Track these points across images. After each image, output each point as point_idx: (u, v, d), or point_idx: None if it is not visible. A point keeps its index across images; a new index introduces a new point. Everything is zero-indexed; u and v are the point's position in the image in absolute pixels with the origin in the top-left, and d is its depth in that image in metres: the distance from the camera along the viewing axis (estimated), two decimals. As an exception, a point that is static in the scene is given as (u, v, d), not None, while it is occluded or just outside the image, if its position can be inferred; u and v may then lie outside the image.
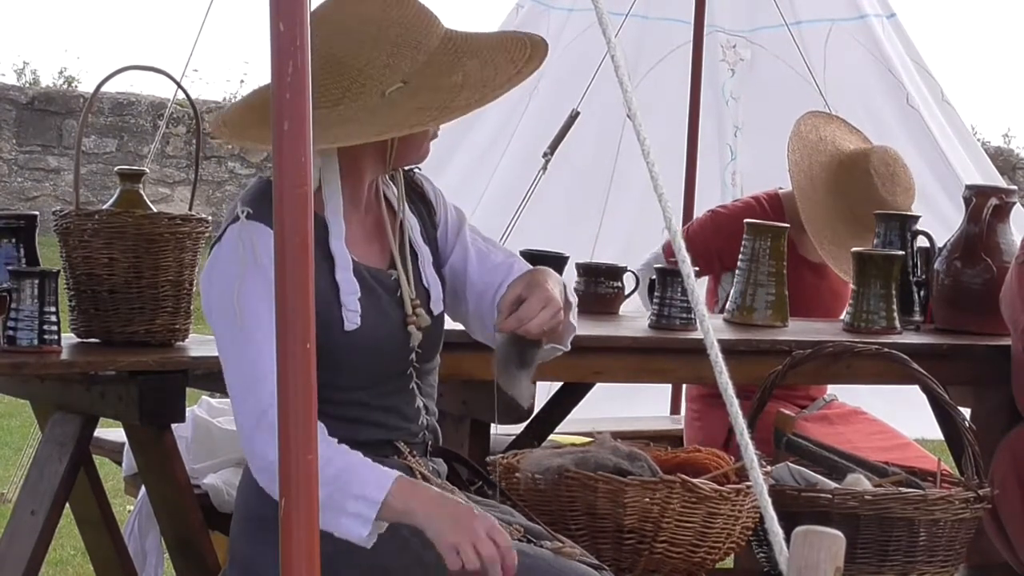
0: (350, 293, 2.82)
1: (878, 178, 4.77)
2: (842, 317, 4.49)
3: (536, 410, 3.92)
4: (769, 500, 1.93)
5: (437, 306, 2.96)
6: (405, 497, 2.66)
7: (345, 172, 2.84)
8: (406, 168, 3.03)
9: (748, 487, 3.37)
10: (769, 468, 3.64)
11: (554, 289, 2.82)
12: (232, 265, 2.73)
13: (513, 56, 2.82)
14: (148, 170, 3.89)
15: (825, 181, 4.80)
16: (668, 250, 4.75)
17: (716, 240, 4.65)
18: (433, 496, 2.69)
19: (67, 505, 3.76)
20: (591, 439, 3.63)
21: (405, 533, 2.81)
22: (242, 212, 2.75)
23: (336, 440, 2.70)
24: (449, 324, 3.04)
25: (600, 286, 4.35)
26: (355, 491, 2.64)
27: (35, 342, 3.39)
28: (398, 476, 2.67)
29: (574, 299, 2.96)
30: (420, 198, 3.03)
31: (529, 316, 2.77)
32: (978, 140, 11.44)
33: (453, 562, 2.63)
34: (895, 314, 4.36)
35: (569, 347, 2.99)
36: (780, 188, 4.94)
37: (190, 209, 3.78)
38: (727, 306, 4.36)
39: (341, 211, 2.83)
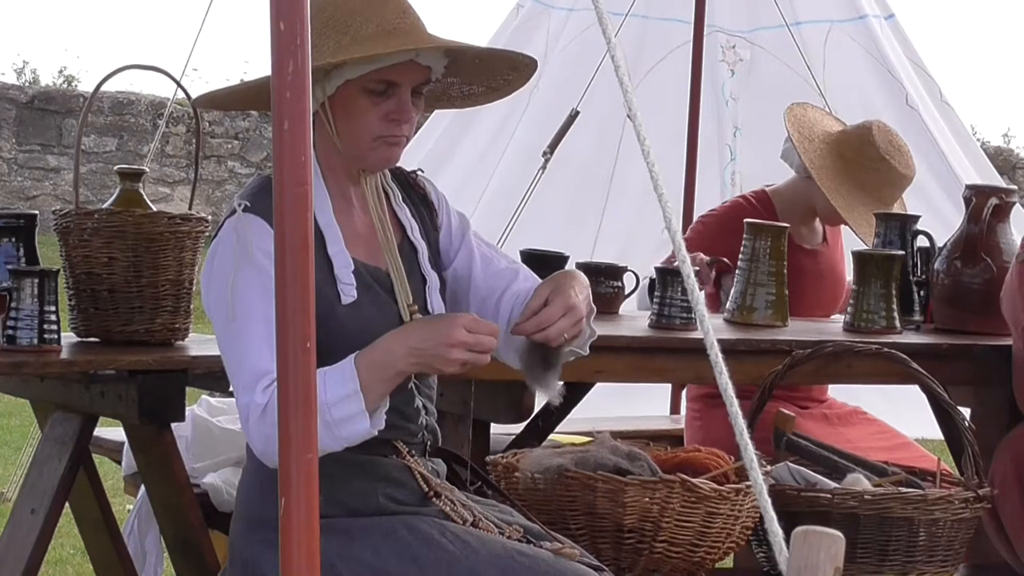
0: (343, 266, 2.83)
1: (893, 159, 4.76)
2: (843, 317, 4.49)
3: (536, 410, 3.92)
4: (769, 500, 1.93)
5: (436, 301, 2.96)
6: (373, 363, 2.68)
7: (327, 174, 2.86)
8: (409, 172, 3.05)
9: (748, 487, 3.37)
10: (769, 468, 3.64)
11: (578, 296, 2.82)
12: (227, 258, 2.75)
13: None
14: (148, 169, 3.89)
15: (831, 153, 4.79)
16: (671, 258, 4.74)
17: (706, 246, 4.62)
18: (394, 340, 2.71)
19: (67, 504, 3.76)
20: (591, 439, 3.63)
21: (404, 534, 2.81)
22: (239, 205, 2.76)
23: None
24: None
25: (600, 286, 4.35)
26: (331, 398, 2.64)
27: (35, 341, 3.39)
28: (355, 356, 2.68)
29: (593, 308, 2.95)
30: (422, 200, 3.04)
31: (549, 321, 2.78)
32: (978, 140, 11.44)
33: (458, 368, 2.70)
34: (895, 314, 4.36)
35: (587, 351, 2.99)
36: (767, 185, 4.94)
37: (190, 208, 3.78)
38: (727, 306, 4.36)
39: (323, 184, 2.84)
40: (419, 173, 3.07)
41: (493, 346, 2.71)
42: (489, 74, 3.03)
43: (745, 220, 4.41)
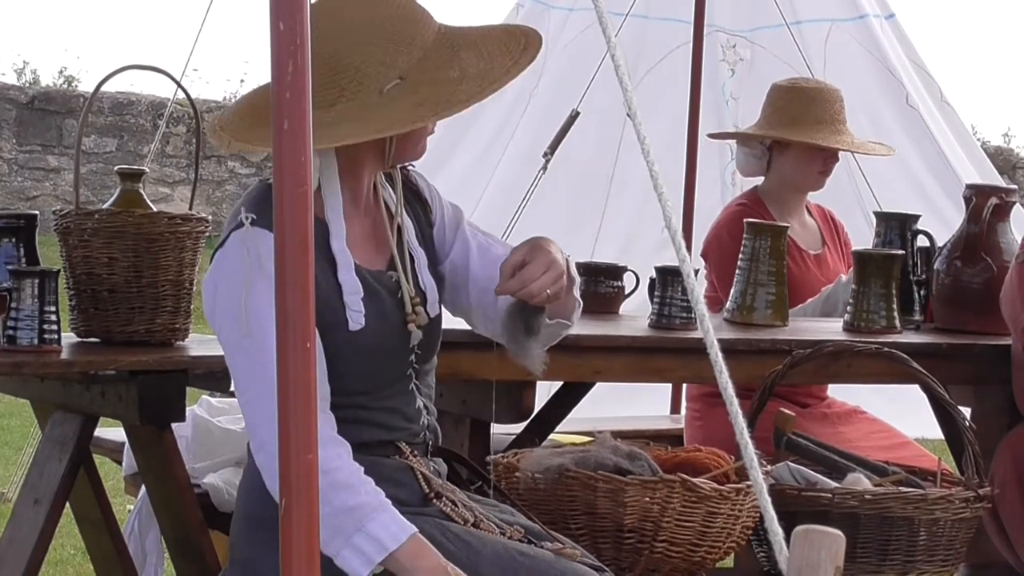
0: (353, 293, 2.82)
1: (787, 87, 4.90)
2: (843, 316, 4.49)
3: (536, 410, 3.92)
4: (769, 499, 1.93)
5: (433, 308, 2.96)
6: (413, 558, 2.66)
7: (344, 172, 2.84)
8: (402, 167, 3.04)
9: (748, 486, 3.37)
10: (769, 467, 3.64)
11: (557, 254, 2.81)
12: (236, 271, 2.71)
13: (509, 47, 2.82)
14: (148, 169, 3.89)
15: (769, 122, 4.86)
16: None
17: (732, 264, 4.60)
18: (438, 566, 2.68)
19: (67, 504, 3.76)
20: (591, 438, 3.63)
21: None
22: (246, 219, 2.73)
23: (362, 468, 2.70)
24: (448, 323, 3.04)
25: (600, 286, 4.35)
26: (370, 530, 2.64)
27: (35, 342, 3.39)
28: (414, 533, 2.66)
29: (577, 277, 2.95)
30: (415, 196, 3.03)
31: (532, 278, 2.76)
32: (978, 140, 11.44)
33: None
34: (895, 313, 4.36)
35: (574, 323, 2.98)
36: (755, 186, 4.96)
37: (190, 208, 3.78)
38: (727, 305, 4.36)
39: (341, 211, 2.82)
40: (411, 168, 3.06)
41: None
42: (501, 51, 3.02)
43: (745, 220, 4.41)
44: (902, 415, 5.24)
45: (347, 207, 2.84)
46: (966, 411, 4.20)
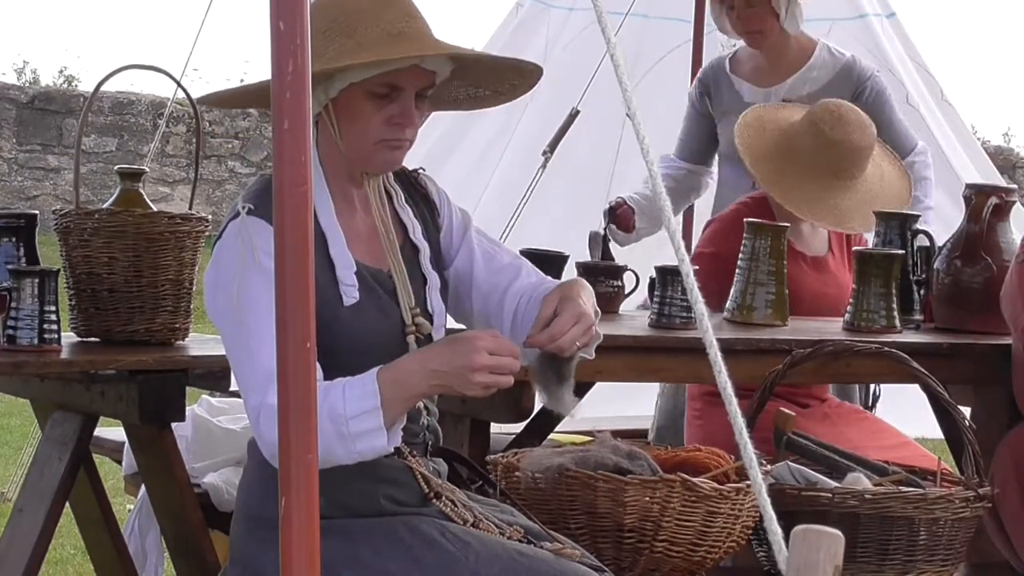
0: (346, 267, 2.82)
1: (825, 124, 4.67)
2: (843, 316, 4.49)
3: (536, 409, 3.92)
4: (768, 499, 1.93)
5: (436, 302, 2.95)
6: (394, 381, 2.67)
7: (327, 167, 2.85)
8: (410, 170, 3.04)
9: (748, 486, 3.37)
10: (769, 467, 3.64)
11: (587, 304, 2.82)
12: (232, 261, 2.73)
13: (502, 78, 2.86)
14: (148, 169, 3.89)
15: (778, 148, 4.73)
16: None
17: (718, 249, 4.60)
18: (415, 361, 2.71)
19: (67, 504, 3.76)
20: (591, 438, 3.63)
21: (404, 535, 2.81)
22: (243, 208, 2.75)
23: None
24: (450, 323, 3.03)
25: (600, 285, 4.35)
26: (351, 411, 2.63)
27: (35, 341, 3.39)
28: (377, 372, 2.67)
29: (599, 311, 2.95)
30: (424, 199, 3.03)
31: (561, 332, 2.77)
32: (978, 139, 11.43)
33: (482, 392, 2.68)
34: (895, 313, 4.36)
35: (593, 355, 2.98)
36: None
37: (190, 208, 3.78)
38: (727, 305, 4.36)
39: (325, 186, 2.83)
40: (421, 171, 3.07)
41: (516, 368, 2.70)
42: (495, 78, 3.02)
43: (745, 220, 4.41)
44: (902, 415, 5.23)
45: (339, 203, 2.85)
46: (966, 411, 4.20)
